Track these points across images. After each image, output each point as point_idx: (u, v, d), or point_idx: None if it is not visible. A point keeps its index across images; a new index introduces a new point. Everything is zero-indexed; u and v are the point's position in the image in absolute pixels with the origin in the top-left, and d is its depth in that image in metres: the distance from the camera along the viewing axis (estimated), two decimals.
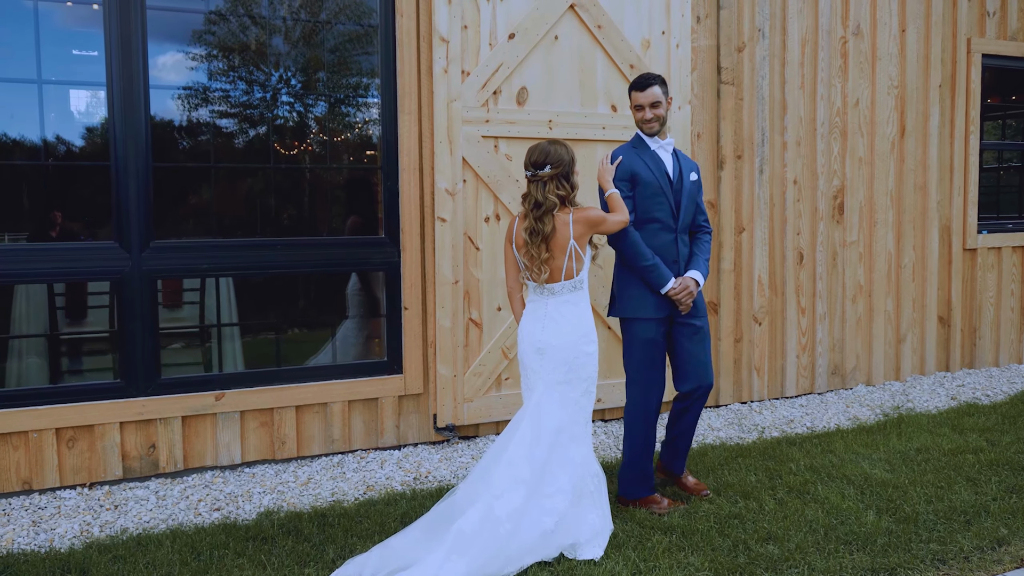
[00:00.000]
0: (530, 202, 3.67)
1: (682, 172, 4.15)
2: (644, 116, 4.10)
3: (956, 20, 7.01)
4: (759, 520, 3.93)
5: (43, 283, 4.84)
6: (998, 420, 5.61)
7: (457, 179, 5.08)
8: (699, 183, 4.25)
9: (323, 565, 3.49)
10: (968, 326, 7.28)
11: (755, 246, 6.20)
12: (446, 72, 5.03)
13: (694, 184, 4.19)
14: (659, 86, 4.10)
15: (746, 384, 6.26)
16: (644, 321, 4.08)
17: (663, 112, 4.10)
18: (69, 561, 3.54)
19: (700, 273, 4.13)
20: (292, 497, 4.40)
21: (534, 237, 3.64)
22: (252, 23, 5.04)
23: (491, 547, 3.30)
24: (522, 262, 3.74)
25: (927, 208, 6.95)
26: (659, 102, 4.08)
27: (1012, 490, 4.31)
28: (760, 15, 6.13)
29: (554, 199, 3.62)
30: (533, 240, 3.64)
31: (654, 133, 4.12)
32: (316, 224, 5.60)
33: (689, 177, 4.16)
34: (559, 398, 3.66)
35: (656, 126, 4.10)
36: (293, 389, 4.91)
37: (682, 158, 4.22)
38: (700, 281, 4.11)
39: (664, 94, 4.11)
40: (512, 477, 3.45)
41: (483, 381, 5.22)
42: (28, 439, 4.41)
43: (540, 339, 3.69)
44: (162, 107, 4.87)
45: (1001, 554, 3.62)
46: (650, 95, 4.08)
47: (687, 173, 4.16)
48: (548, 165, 3.64)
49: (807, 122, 6.37)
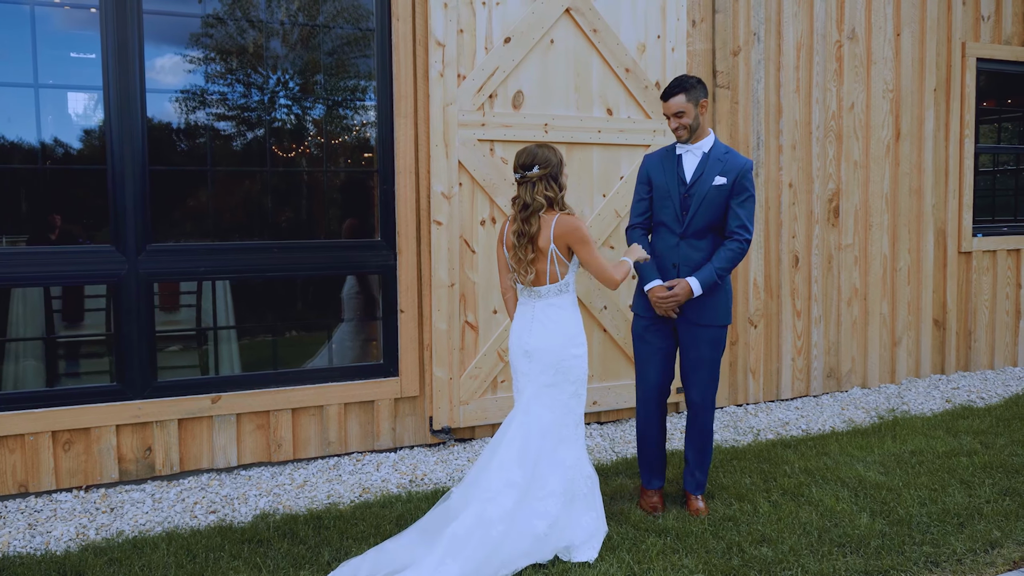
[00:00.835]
0: (519, 204, 3.70)
1: (703, 176, 4.06)
2: (671, 125, 4.09)
3: (951, 24, 7.04)
4: (753, 522, 3.94)
5: (40, 286, 4.85)
6: (992, 423, 5.63)
7: (453, 182, 5.10)
8: (730, 187, 4.03)
9: (318, 567, 3.50)
10: (963, 329, 7.30)
11: (751, 249, 6.22)
12: (442, 76, 5.05)
13: (717, 188, 4.02)
14: (684, 94, 4.01)
15: (741, 387, 6.28)
16: (637, 317, 4.20)
17: (689, 121, 4.01)
18: (65, 564, 3.55)
19: (698, 281, 3.97)
20: (288, 499, 4.41)
21: (520, 239, 3.66)
22: (249, 26, 5.05)
23: (484, 549, 3.31)
24: (511, 264, 3.76)
25: (922, 211, 6.97)
26: (682, 111, 4.01)
27: (1005, 492, 4.33)
28: (755, 19, 6.15)
29: (542, 200, 3.64)
30: (519, 241, 3.66)
31: (684, 140, 4.09)
32: (313, 227, 5.61)
33: (712, 181, 4.03)
34: (548, 401, 3.68)
35: (684, 134, 4.05)
36: (289, 392, 4.92)
37: (714, 161, 4.06)
38: (694, 288, 3.97)
39: (693, 100, 4.01)
40: (503, 480, 3.47)
41: (479, 384, 5.24)
42: (24, 442, 4.41)
43: (527, 342, 3.72)
44: (159, 110, 4.88)
45: (994, 556, 3.64)
46: (672, 105, 4.03)
47: (710, 177, 4.04)
48: (536, 166, 3.66)
49: (802, 126, 6.39)
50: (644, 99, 5.55)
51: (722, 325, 4.10)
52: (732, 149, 4.16)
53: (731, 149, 4.14)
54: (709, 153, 4.09)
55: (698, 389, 4.12)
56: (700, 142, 4.10)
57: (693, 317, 4.06)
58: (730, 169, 4.05)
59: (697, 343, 4.08)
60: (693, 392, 4.14)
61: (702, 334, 4.07)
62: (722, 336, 4.12)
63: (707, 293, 4.02)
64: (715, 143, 4.12)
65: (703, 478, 4.22)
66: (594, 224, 5.43)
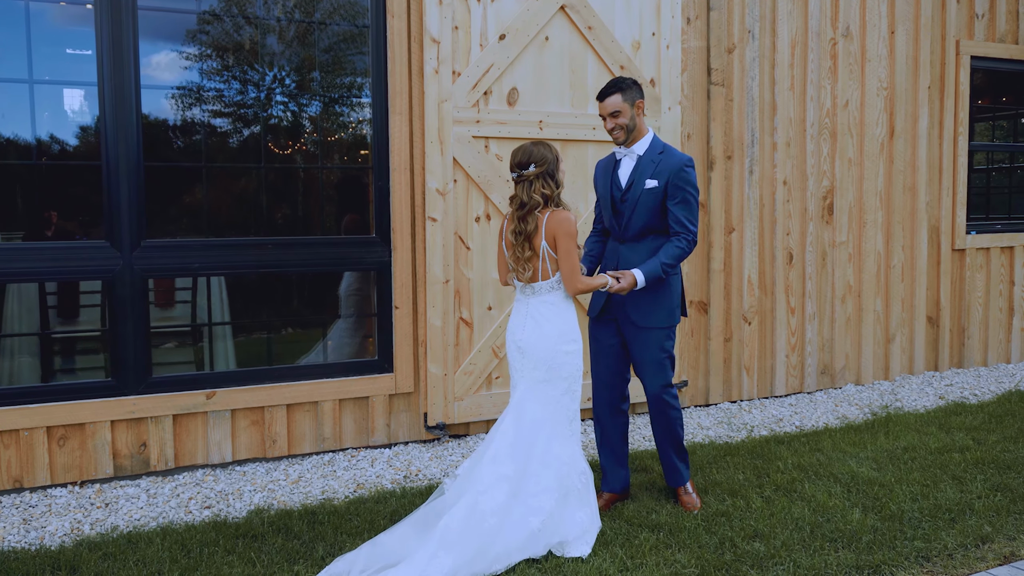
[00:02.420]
0: (516, 202, 3.72)
1: (635, 181, 4.01)
2: (607, 126, 4.05)
3: (945, 22, 7.05)
4: (746, 518, 3.96)
5: (34, 282, 4.85)
6: (985, 419, 5.65)
7: (448, 179, 5.11)
8: (663, 189, 3.96)
9: (312, 562, 3.51)
10: (957, 326, 7.33)
11: (745, 246, 6.24)
12: (437, 73, 5.05)
13: (649, 192, 3.97)
14: (620, 94, 3.96)
15: (735, 383, 6.30)
16: (589, 318, 4.25)
17: (625, 120, 3.97)
18: (59, 559, 3.55)
19: (642, 273, 3.88)
20: (282, 495, 4.42)
21: (518, 237, 3.69)
22: (245, 23, 5.05)
23: (477, 542, 3.33)
24: (510, 263, 3.78)
25: (916, 209, 7.00)
26: (618, 111, 3.96)
27: (997, 488, 4.35)
28: (750, 16, 6.17)
29: (538, 198, 3.66)
30: (517, 240, 3.70)
31: (621, 142, 4.05)
32: (307, 223, 5.62)
33: (644, 185, 3.98)
34: (540, 396, 3.70)
35: (621, 135, 4.01)
36: (284, 388, 4.93)
37: (647, 164, 4.01)
38: (639, 279, 3.86)
39: (629, 100, 3.97)
40: (496, 473, 3.50)
41: (473, 380, 5.25)
42: (19, 437, 4.42)
43: (520, 338, 3.75)
44: (154, 106, 4.89)
45: (985, 551, 3.66)
46: (608, 105, 3.98)
47: (642, 181, 3.99)
48: (532, 164, 3.67)
49: (797, 123, 6.41)
50: None
51: (665, 327, 4.05)
52: (670, 147, 4.08)
53: (668, 147, 4.07)
54: (643, 156, 4.04)
55: (649, 379, 4.08)
56: (636, 144, 4.06)
57: (636, 319, 4.03)
58: (663, 170, 3.98)
59: (641, 346, 4.06)
60: (646, 383, 4.11)
61: (645, 337, 4.04)
62: (667, 336, 4.07)
63: (651, 288, 3.96)
64: (651, 144, 4.06)
65: (681, 466, 4.18)
66: (588, 221, 5.44)
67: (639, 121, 4.04)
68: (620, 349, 4.16)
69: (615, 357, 4.16)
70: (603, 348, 4.17)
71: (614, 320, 4.13)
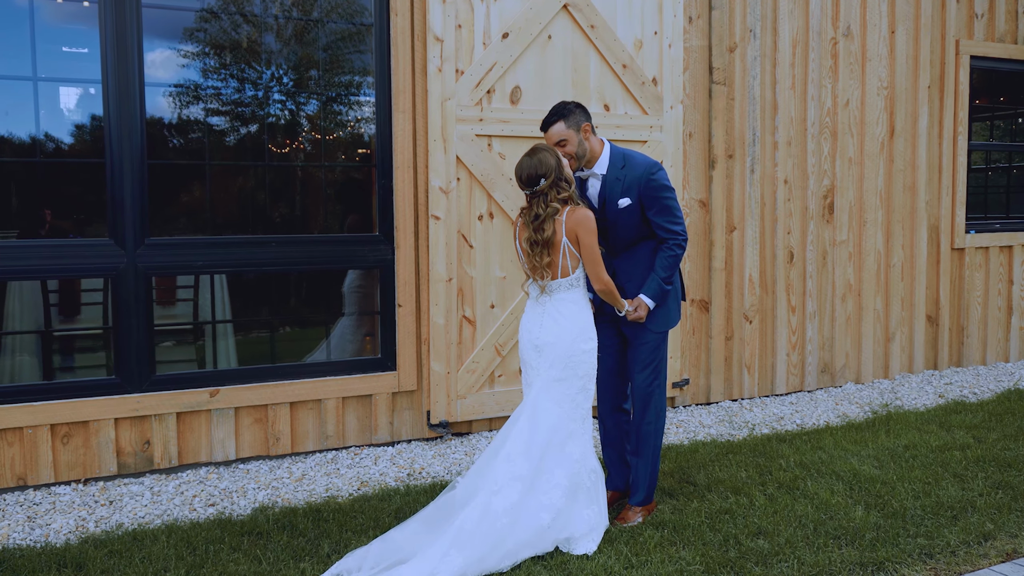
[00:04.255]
0: (531, 214, 3.69)
1: (607, 200, 3.95)
2: None
3: (945, 22, 7.08)
4: (749, 515, 3.97)
5: (37, 280, 4.85)
6: (985, 417, 5.68)
7: (451, 177, 5.11)
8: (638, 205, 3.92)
9: (318, 559, 3.51)
10: (956, 325, 7.36)
11: (746, 245, 6.25)
12: (440, 71, 5.06)
13: (625, 210, 3.92)
14: (563, 121, 3.84)
15: (737, 382, 6.32)
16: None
17: (573, 149, 3.85)
18: (65, 556, 3.56)
19: (648, 297, 3.92)
20: (286, 493, 4.43)
21: (535, 247, 3.68)
22: (245, 21, 5.05)
23: (489, 541, 3.35)
24: (526, 269, 3.80)
25: (916, 208, 7.02)
26: (564, 139, 3.84)
27: (998, 486, 4.37)
28: (751, 16, 6.18)
29: (557, 205, 3.65)
30: (533, 250, 3.69)
31: (576, 169, 3.96)
32: (310, 221, 5.63)
33: (618, 204, 3.92)
34: (556, 395, 3.70)
35: (573, 163, 3.88)
36: (287, 386, 4.94)
37: (613, 182, 3.93)
38: (648, 304, 3.92)
39: (574, 126, 3.85)
40: (509, 473, 3.51)
41: (476, 378, 5.26)
42: (23, 435, 4.42)
43: (538, 336, 3.75)
44: (157, 104, 4.89)
45: (987, 548, 3.68)
46: (552, 135, 3.87)
47: (615, 199, 3.93)
48: (541, 178, 3.65)
49: (797, 122, 6.42)
50: (641, 95, 5.57)
51: (660, 332, 4.04)
52: (630, 154, 3.98)
53: (629, 155, 3.97)
54: (607, 175, 3.96)
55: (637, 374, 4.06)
56: (596, 165, 3.96)
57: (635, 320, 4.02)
58: (631, 185, 3.91)
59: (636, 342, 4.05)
60: (633, 377, 4.09)
61: (643, 335, 4.03)
62: (660, 340, 4.05)
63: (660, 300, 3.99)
64: (611, 159, 3.96)
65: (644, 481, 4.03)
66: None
67: (589, 143, 3.92)
68: (621, 349, 4.18)
69: (616, 357, 4.18)
70: (604, 348, 4.17)
71: (615, 320, 4.14)
